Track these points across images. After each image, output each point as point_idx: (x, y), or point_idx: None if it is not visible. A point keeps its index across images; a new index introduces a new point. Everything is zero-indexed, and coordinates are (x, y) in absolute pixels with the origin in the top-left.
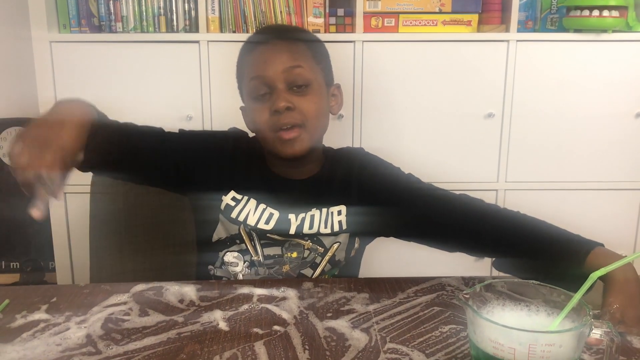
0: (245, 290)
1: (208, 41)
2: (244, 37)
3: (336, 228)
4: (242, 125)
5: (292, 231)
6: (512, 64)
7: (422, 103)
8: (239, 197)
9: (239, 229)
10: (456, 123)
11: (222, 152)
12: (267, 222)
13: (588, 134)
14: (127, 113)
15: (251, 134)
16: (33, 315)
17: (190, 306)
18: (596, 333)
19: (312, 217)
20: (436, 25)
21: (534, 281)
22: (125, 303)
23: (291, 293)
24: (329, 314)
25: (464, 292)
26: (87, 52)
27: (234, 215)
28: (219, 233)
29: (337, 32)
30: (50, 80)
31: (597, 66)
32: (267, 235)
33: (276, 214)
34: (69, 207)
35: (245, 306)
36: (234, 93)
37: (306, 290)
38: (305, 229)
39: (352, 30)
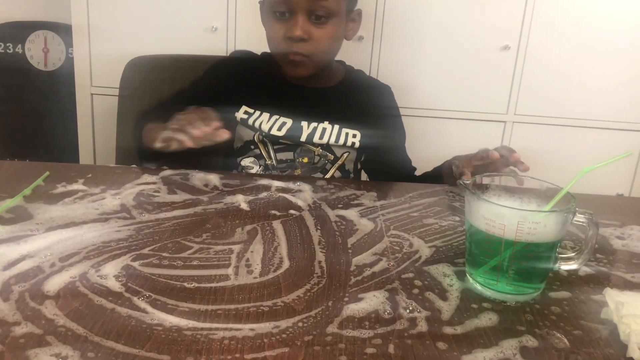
0: (264, 181)
1: None
2: None
3: (349, 143)
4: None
5: (303, 138)
6: None
7: (441, 31)
8: (251, 111)
9: (254, 137)
10: (472, 53)
11: (226, 76)
12: (279, 129)
13: (602, 71)
14: (151, 22)
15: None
16: (72, 186)
17: (214, 190)
18: (579, 218)
19: (324, 129)
20: None
21: (530, 175)
22: (154, 183)
23: (306, 187)
24: (339, 205)
25: (465, 180)
26: None
27: (249, 123)
28: (237, 141)
29: None
30: None
31: (618, 1)
32: (280, 140)
33: (289, 122)
34: (95, 108)
35: (265, 193)
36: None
37: (319, 186)
38: (316, 139)
39: None
